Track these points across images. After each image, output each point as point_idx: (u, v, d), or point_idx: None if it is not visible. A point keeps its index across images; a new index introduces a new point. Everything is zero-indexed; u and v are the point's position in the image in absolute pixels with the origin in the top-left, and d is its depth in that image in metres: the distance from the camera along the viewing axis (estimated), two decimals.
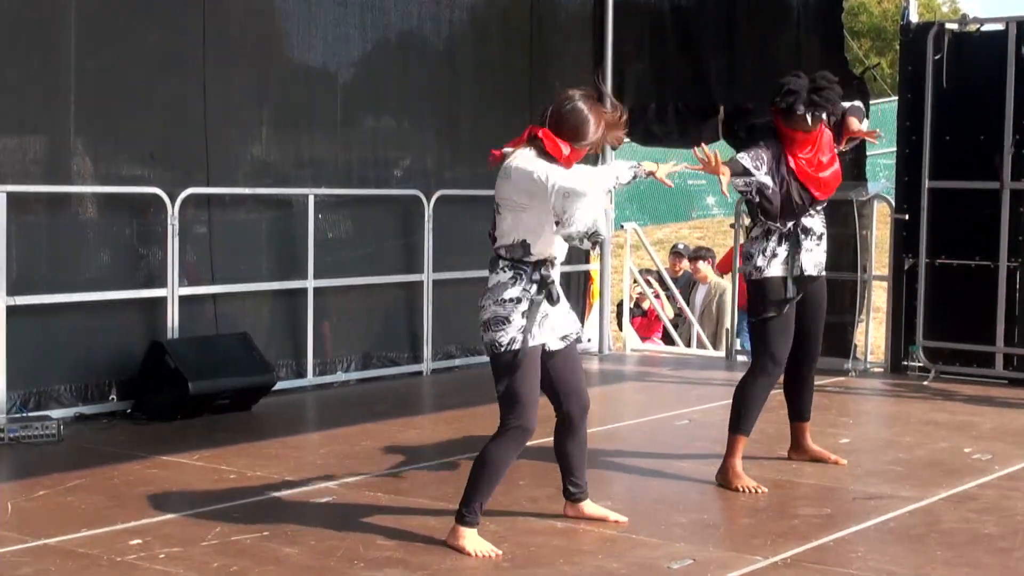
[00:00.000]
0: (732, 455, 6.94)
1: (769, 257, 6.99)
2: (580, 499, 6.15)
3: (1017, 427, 8.67)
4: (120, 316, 8.95)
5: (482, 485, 5.67)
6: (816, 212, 7.08)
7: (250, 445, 7.90)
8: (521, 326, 5.58)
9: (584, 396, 5.95)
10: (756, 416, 7.01)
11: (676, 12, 12.07)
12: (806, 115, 6.83)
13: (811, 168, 6.93)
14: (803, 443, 7.53)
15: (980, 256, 10.52)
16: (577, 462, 6.06)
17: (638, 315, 13.90)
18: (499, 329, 5.58)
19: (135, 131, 9.00)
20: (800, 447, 7.54)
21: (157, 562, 5.50)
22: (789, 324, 6.99)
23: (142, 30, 8.98)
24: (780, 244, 7.00)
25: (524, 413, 5.61)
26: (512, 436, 5.64)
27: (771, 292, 6.97)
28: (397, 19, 10.66)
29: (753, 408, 6.98)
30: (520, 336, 5.57)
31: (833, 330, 11.14)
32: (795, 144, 6.92)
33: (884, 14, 36.03)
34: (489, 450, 5.68)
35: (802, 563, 5.61)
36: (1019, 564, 5.61)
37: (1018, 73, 10.24)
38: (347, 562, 5.54)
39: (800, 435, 7.53)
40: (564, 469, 6.10)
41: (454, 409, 9.26)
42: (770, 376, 6.99)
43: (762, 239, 7.03)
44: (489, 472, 5.67)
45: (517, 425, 5.62)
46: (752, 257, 7.03)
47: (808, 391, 7.44)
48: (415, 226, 10.72)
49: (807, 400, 7.46)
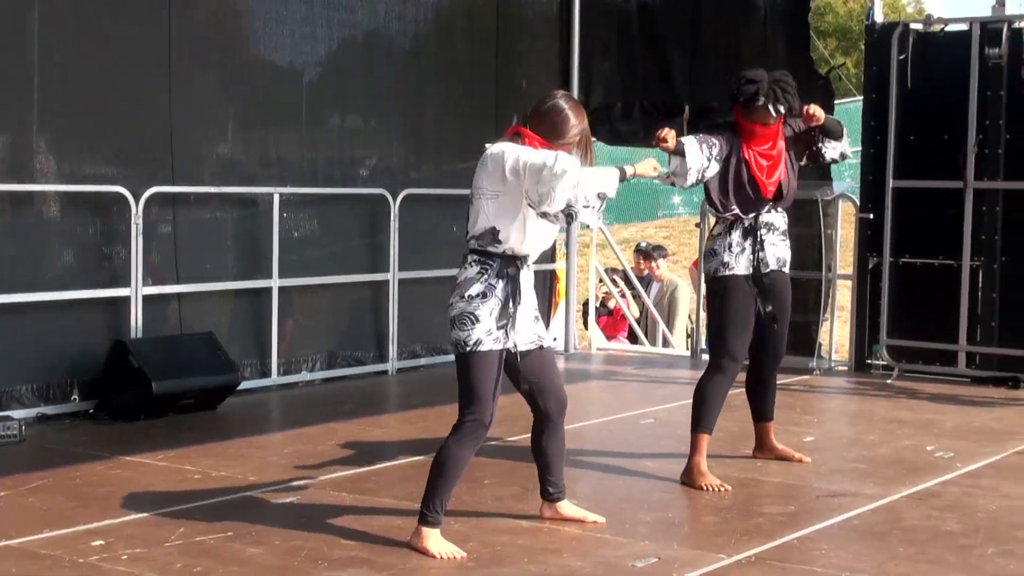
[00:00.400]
0: (696, 454, 6.95)
1: (736, 254, 6.98)
2: (557, 499, 6.12)
3: (979, 425, 8.72)
4: (83, 316, 8.90)
5: (441, 483, 5.66)
6: (779, 210, 7.09)
7: (214, 445, 7.88)
8: (488, 328, 5.58)
9: (562, 394, 5.94)
10: (717, 414, 7.01)
11: (642, 11, 12.09)
12: (767, 105, 6.85)
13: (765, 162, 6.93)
14: (768, 442, 7.55)
15: (944, 255, 10.58)
16: (555, 462, 6.04)
17: (604, 314, 13.92)
18: (465, 328, 5.59)
19: (99, 129, 8.96)
20: (765, 446, 7.56)
21: (120, 563, 5.48)
22: (749, 322, 7.00)
23: (107, 27, 8.93)
24: (744, 239, 7.00)
25: (480, 409, 5.61)
26: (468, 431, 5.64)
27: (733, 289, 6.97)
28: (363, 18, 10.64)
29: (713, 406, 6.98)
30: (485, 338, 5.58)
31: (798, 329, 11.20)
32: (753, 138, 6.92)
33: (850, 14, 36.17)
34: (446, 447, 5.68)
35: (766, 561, 5.62)
36: (980, 561, 5.64)
37: (981, 73, 10.30)
38: (311, 562, 5.52)
39: (765, 434, 7.55)
40: (542, 469, 6.07)
41: (420, 408, 9.25)
42: (727, 374, 6.98)
43: (725, 235, 7.01)
44: (447, 469, 5.66)
45: (474, 419, 5.62)
46: (717, 254, 7.01)
47: (771, 391, 7.45)
48: (381, 225, 10.71)
49: (770, 400, 7.47)
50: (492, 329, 5.60)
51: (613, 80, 12.31)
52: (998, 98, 10.27)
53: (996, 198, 10.37)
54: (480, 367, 5.60)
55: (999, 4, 10.45)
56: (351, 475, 7.13)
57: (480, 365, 5.60)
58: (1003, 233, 10.35)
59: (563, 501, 6.14)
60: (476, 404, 5.62)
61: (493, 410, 5.66)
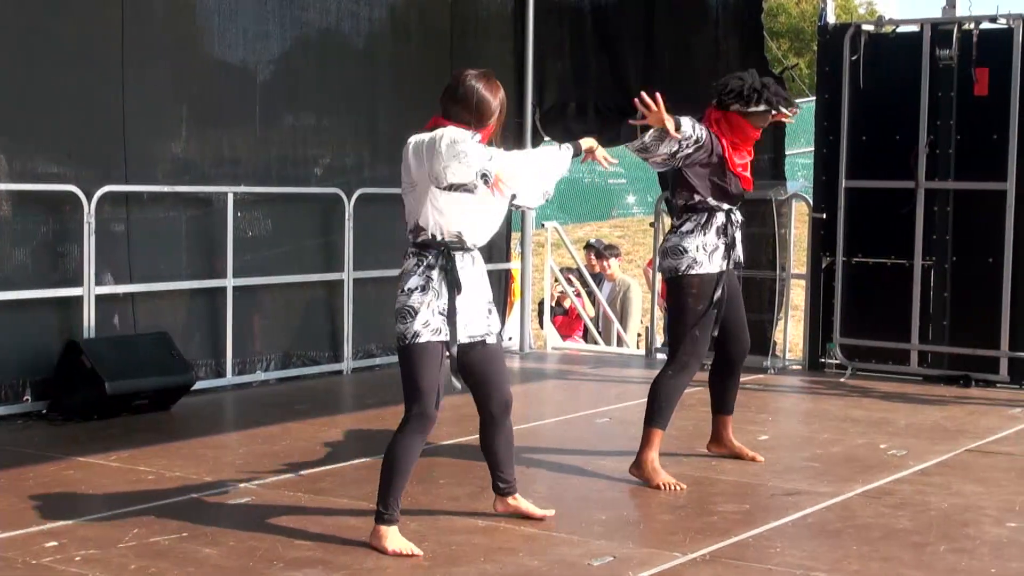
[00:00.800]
0: (650, 448, 6.93)
1: (710, 251, 6.96)
2: (508, 493, 6.15)
3: (931, 423, 8.79)
4: (36, 315, 8.84)
5: (392, 479, 5.65)
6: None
7: (169, 445, 7.84)
8: (426, 319, 5.59)
9: (504, 392, 5.93)
10: (672, 411, 7.02)
11: (596, 12, 12.11)
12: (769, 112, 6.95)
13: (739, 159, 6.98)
14: (724, 437, 7.56)
15: (896, 255, 10.65)
16: (504, 458, 6.05)
17: (559, 314, 13.94)
18: (404, 321, 5.60)
19: (51, 128, 8.89)
20: (721, 440, 7.57)
21: (73, 564, 5.44)
22: (713, 321, 7.02)
23: (59, 26, 8.87)
24: (718, 236, 6.98)
25: (423, 401, 5.61)
26: (413, 426, 5.63)
27: (706, 288, 6.95)
28: (316, 16, 10.62)
29: (672, 403, 6.98)
30: (423, 330, 5.58)
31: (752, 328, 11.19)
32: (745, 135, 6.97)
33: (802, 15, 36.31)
34: (393, 442, 5.68)
35: (721, 559, 5.65)
36: (932, 558, 5.69)
37: (932, 74, 10.38)
38: (267, 562, 5.51)
39: (723, 428, 7.56)
40: (491, 465, 6.09)
41: (375, 408, 9.24)
42: (690, 372, 6.99)
43: (697, 232, 6.96)
44: (395, 465, 5.65)
45: (418, 413, 5.61)
46: (686, 252, 6.93)
47: (735, 384, 7.47)
48: (336, 225, 10.68)
49: (733, 393, 7.49)
50: (430, 320, 5.59)
51: (567, 80, 12.33)
52: (949, 99, 10.35)
53: (947, 198, 10.45)
54: (419, 359, 5.59)
55: (949, 6, 10.54)
56: (306, 475, 7.11)
57: (419, 357, 5.59)
58: (954, 233, 10.43)
59: (515, 494, 6.16)
60: (418, 397, 5.61)
61: (438, 401, 5.65)
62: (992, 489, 6.92)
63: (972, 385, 10.23)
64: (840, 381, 10.52)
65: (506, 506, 6.17)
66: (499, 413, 5.93)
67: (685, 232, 7.00)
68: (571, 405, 9.69)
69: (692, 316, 6.94)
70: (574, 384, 10.76)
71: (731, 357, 7.35)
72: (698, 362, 7.01)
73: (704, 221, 6.99)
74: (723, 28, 11.51)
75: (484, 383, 5.87)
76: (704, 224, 6.98)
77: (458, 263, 5.66)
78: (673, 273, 6.99)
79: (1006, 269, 10.14)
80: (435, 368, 5.62)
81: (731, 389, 7.48)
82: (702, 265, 6.94)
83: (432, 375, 5.61)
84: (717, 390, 7.48)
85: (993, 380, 10.27)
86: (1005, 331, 10.16)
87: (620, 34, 11.99)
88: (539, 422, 8.92)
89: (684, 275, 6.94)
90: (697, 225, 6.99)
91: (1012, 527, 6.19)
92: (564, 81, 12.33)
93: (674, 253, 6.99)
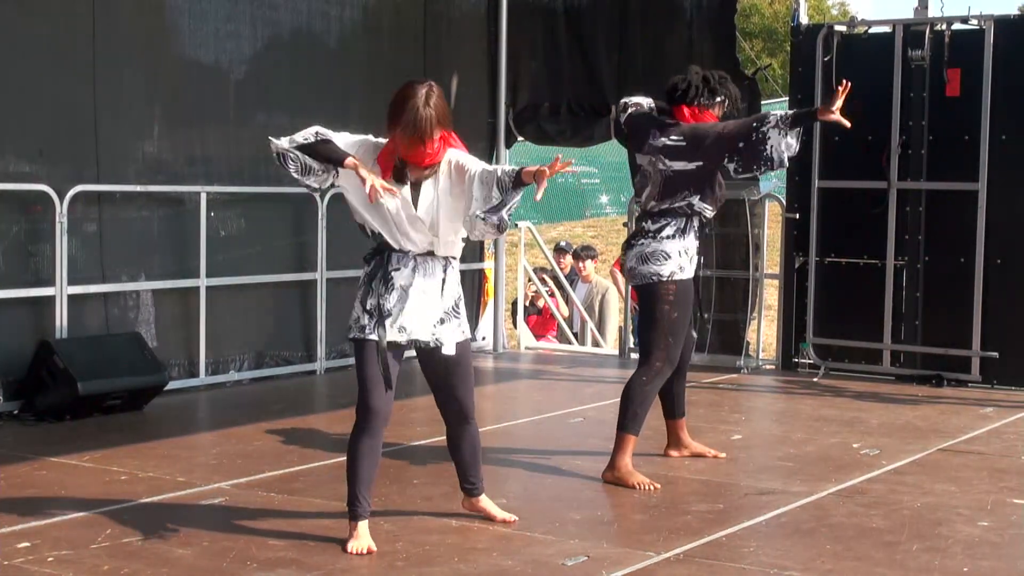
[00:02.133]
0: (624, 454, 6.92)
1: (689, 258, 6.95)
2: (475, 495, 6.17)
3: (903, 422, 8.83)
4: (7, 315, 8.79)
5: (349, 475, 5.73)
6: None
7: (141, 446, 7.81)
8: (357, 316, 5.74)
9: (462, 402, 5.90)
10: (646, 416, 7.01)
11: (569, 12, 12.11)
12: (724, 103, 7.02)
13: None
14: (683, 439, 7.54)
15: (868, 255, 10.69)
16: (469, 462, 6.08)
17: (533, 313, 13.94)
18: (350, 316, 5.77)
19: (22, 127, 8.84)
20: (681, 443, 7.54)
21: (46, 565, 5.42)
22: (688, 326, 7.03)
23: (28, 24, 8.83)
24: (696, 241, 6.97)
25: (363, 395, 5.70)
26: (357, 420, 5.74)
27: (684, 294, 6.92)
28: (288, 15, 10.58)
29: (646, 408, 6.97)
30: (354, 325, 5.74)
31: (726, 328, 11.31)
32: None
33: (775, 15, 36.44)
34: (349, 439, 5.77)
35: (695, 558, 5.66)
36: (905, 557, 5.71)
37: (904, 75, 10.42)
38: (240, 563, 5.49)
39: (680, 431, 7.53)
40: (458, 468, 6.14)
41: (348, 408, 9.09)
42: (663, 378, 6.98)
43: (679, 237, 6.92)
44: (349, 460, 5.74)
45: (361, 406, 5.71)
46: (669, 257, 6.87)
47: (684, 385, 7.45)
48: (309, 224, 10.66)
49: (684, 395, 7.46)
50: (360, 317, 5.72)
51: (540, 80, 12.33)
52: (921, 99, 10.40)
53: (919, 198, 10.49)
54: (358, 354, 5.72)
55: (921, 7, 10.58)
56: (280, 475, 7.09)
57: (358, 352, 5.72)
58: (926, 233, 10.47)
59: (481, 495, 6.17)
60: (361, 391, 5.71)
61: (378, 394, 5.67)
62: (964, 488, 6.95)
63: (944, 385, 10.28)
64: (813, 381, 10.55)
65: (471, 506, 6.20)
66: (456, 422, 5.97)
67: (666, 237, 6.92)
68: (545, 405, 9.69)
69: (669, 322, 6.90)
70: (548, 384, 10.76)
71: (682, 362, 7.24)
72: (671, 367, 6.99)
73: (684, 225, 6.95)
74: (696, 29, 11.52)
75: (441, 390, 5.91)
76: (684, 229, 6.95)
77: (392, 264, 5.72)
78: (656, 278, 6.89)
79: (978, 269, 10.19)
80: (370, 363, 5.67)
81: (682, 392, 7.44)
82: (684, 271, 6.91)
83: (368, 369, 5.68)
84: (669, 395, 7.38)
85: (965, 380, 10.31)
86: (977, 331, 10.21)
87: (593, 34, 11.99)
88: (513, 422, 8.92)
89: (666, 281, 6.87)
90: (678, 230, 6.93)
91: (984, 526, 6.22)
92: (537, 81, 12.32)
93: (656, 258, 6.90)
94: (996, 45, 10.07)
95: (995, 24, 10.09)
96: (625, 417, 6.95)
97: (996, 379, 10.22)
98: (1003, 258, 10.17)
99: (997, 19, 10.12)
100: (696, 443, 7.59)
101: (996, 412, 9.24)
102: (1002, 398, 9.81)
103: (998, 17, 10.13)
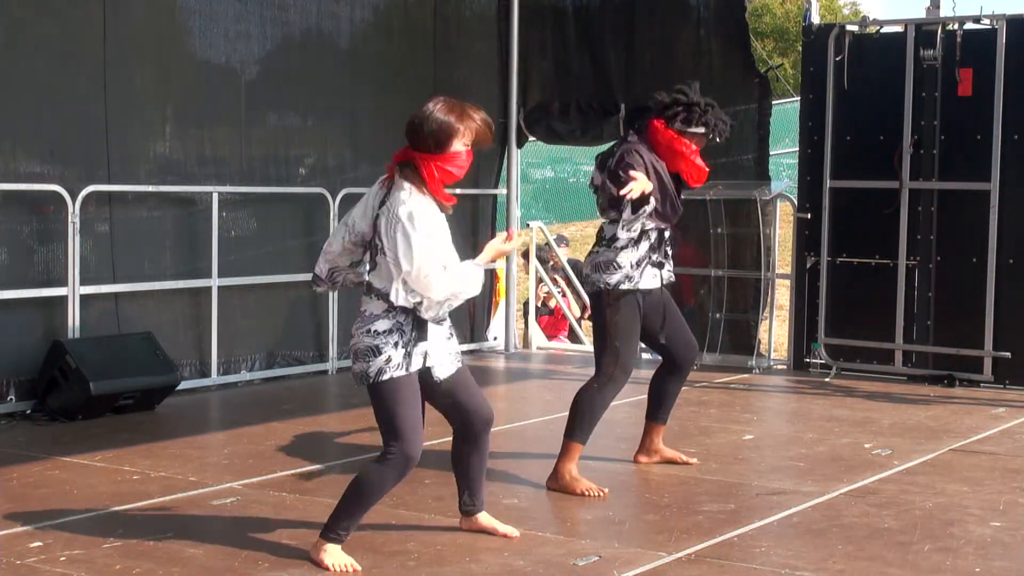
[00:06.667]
0: (568, 460, 6.81)
1: (643, 268, 6.86)
2: (474, 513, 5.97)
3: (915, 423, 8.81)
4: (20, 315, 8.81)
5: (354, 507, 5.50)
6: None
7: (153, 445, 7.83)
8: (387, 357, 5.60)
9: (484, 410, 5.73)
10: (595, 425, 6.90)
11: (578, 11, 12.13)
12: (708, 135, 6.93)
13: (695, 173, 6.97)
14: (656, 445, 7.44)
15: (880, 255, 10.67)
16: (476, 476, 5.87)
17: (545, 314, 13.93)
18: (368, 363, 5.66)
19: (34, 128, 8.87)
20: (652, 449, 7.44)
21: (58, 564, 5.43)
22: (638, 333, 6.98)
23: (41, 26, 8.85)
24: (652, 253, 6.89)
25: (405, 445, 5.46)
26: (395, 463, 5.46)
27: (634, 304, 6.85)
28: (298, 16, 10.59)
29: (596, 417, 6.88)
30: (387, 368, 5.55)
31: (737, 328, 11.30)
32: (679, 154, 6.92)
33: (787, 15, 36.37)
34: (369, 470, 5.52)
35: (706, 558, 5.66)
36: (917, 557, 5.70)
37: (916, 74, 10.40)
38: (252, 563, 5.50)
39: (655, 436, 7.43)
40: (460, 482, 5.91)
41: (359, 408, 9.19)
42: (618, 385, 6.89)
43: (631, 248, 6.84)
44: (364, 494, 5.49)
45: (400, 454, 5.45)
46: (620, 267, 6.82)
47: (677, 390, 7.35)
48: (320, 224, 10.67)
49: (672, 401, 7.37)
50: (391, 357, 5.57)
51: (550, 79, 12.34)
52: (933, 99, 10.38)
53: (931, 198, 10.47)
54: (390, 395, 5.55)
55: (933, 6, 10.56)
56: (291, 475, 7.10)
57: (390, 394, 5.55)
58: (938, 233, 10.46)
59: (481, 513, 5.96)
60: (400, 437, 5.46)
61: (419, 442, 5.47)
62: (976, 488, 6.94)
63: (956, 385, 10.26)
64: (825, 381, 10.54)
65: (471, 524, 5.98)
66: (481, 430, 5.74)
67: (620, 248, 6.85)
68: (556, 405, 9.67)
69: (622, 331, 6.83)
70: (559, 384, 10.75)
71: (679, 361, 7.20)
72: (625, 376, 6.90)
73: (639, 238, 6.86)
74: (705, 28, 11.52)
75: (460, 406, 5.68)
76: (638, 240, 6.87)
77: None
78: (605, 287, 6.85)
79: (990, 269, 10.17)
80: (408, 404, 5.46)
81: (671, 395, 7.34)
82: (633, 280, 6.83)
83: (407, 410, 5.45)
84: (656, 393, 7.33)
85: (977, 380, 10.29)
86: (989, 331, 10.19)
87: (603, 34, 12.00)
88: (524, 422, 8.92)
89: (616, 290, 6.82)
90: (631, 241, 6.85)
91: (996, 526, 6.21)
92: (547, 81, 12.34)
93: (606, 268, 6.85)
94: (1008, 45, 10.05)
95: (1007, 24, 10.07)
96: (572, 424, 6.87)
97: (1008, 379, 10.20)
98: (1015, 258, 10.16)
99: (1009, 19, 10.09)
100: (668, 449, 7.47)
101: (1008, 412, 9.22)
102: (1014, 398, 9.79)
103: (1010, 17, 10.11)
